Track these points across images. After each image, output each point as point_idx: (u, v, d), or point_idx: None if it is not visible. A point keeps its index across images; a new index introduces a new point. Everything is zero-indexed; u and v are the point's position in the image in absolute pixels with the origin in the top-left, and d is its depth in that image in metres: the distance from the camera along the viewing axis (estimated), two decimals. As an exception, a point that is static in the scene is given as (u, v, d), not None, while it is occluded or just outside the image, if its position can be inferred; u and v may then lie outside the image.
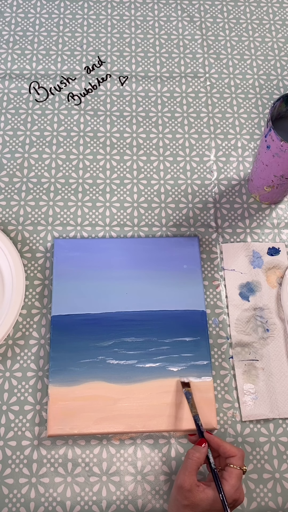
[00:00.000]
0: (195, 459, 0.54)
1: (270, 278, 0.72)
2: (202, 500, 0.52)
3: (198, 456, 0.55)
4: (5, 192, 0.76)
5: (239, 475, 0.54)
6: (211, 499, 0.52)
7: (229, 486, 0.53)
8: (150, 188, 0.78)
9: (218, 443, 0.56)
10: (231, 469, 0.54)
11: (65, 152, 0.80)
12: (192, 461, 0.54)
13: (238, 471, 0.54)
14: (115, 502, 0.61)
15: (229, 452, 0.55)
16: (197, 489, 0.53)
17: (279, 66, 0.88)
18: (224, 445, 0.56)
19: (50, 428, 0.61)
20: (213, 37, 0.90)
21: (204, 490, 0.53)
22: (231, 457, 0.55)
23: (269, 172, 0.68)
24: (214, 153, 0.81)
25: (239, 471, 0.54)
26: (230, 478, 0.53)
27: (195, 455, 0.55)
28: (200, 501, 0.52)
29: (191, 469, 0.54)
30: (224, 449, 0.55)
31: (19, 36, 0.88)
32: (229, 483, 0.53)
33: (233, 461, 0.55)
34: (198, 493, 0.52)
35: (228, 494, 0.52)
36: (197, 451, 0.55)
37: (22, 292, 0.67)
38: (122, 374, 0.65)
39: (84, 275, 0.70)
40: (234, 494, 0.53)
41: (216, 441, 0.56)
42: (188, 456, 0.55)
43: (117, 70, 0.86)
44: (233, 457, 0.55)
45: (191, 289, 0.70)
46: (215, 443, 0.56)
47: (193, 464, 0.54)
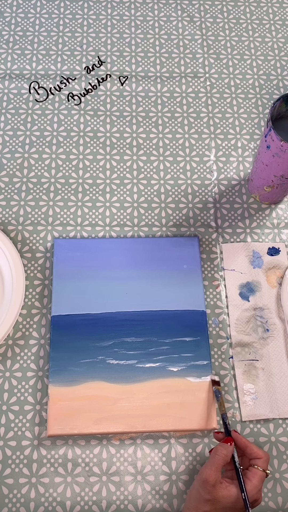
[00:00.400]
0: (223, 456, 0.55)
1: (270, 278, 0.72)
2: (224, 497, 0.53)
3: (225, 453, 0.55)
4: (5, 192, 0.76)
5: (262, 476, 0.55)
6: (234, 497, 0.53)
7: (252, 486, 0.54)
8: (150, 188, 0.78)
9: (246, 444, 0.57)
10: (256, 470, 0.55)
11: (65, 152, 0.80)
12: (219, 457, 0.55)
13: (261, 473, 0.55)
14: (115, 502, 0.61)
15: (256, 453, 0.56)
16: (220, 485, 0.53)
17: (279, 66, 0.88)
18: (251, 447, 0.57)
19: (50, 428, 0.61)
20: (213, 37, 0.90)
21: (227, 487, 0.53)
22: (257, 459, 0.56)
23: (269, 172, 0.68)
24: (214, 153, 0.81)
25: (263, 473, 0.55)
26: (253, 478, 0.54)
27: (223, 452, 0.55)
28: (222, 498, 0.53)
29: (217, 465, 0.54)
30: (251, 450, 0.56)
31: (19, 36, 0.88)
32: (252, 482, 0.54)
33: (259, 463, 0.55)
34: (221, 490, 0.53)
35: (250, 493, 0.53)
36: (224, 448, 0.56)
37: (22, 292, 0.67)
38: (122, 374, 0.65)
39: (84, 275, 0.70)
40: (255, 494, 0.54)
41: (243, 441, 0.57)
42: (216, 452, 0.56)
43: (117, 70, 0.86)
44: (259, 459, 0.56)
45: (191, 289, 0.70)
46: (242, 443, 0.57)
47: (220, 460, 0.55)
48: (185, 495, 0.61)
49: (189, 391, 0.64)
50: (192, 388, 0.64)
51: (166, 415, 0.63)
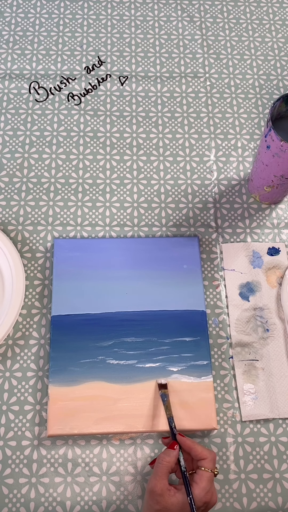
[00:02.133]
0: (165, 463, 0.54)
1: (270, 278, 0.72)
2: (173, 504, 0.52)
3: (168, 460, 0.54)
4: (5, 192, 0.76)
5: (210, 477, 0.54)
6: (181, 503, 0.52)
7: (200, 489, 0.53)
8: (150, 188, 0.78)
9: (190, 446, 0.56)
10: (202, 472, 0.54)
11: (65, 152, 0.80)
12: (162, 465, 0.54)
13: (209, 474, 0.54)
14: (115, 502, 0.61)
15: (200, 454, 0.55)
16: (168, 493, 0.52)
17: (279, 66, 0.88)
18: (196, 448, 0.55)
19: (50, 428, 0.61)
20: (213, 37, 0.90)
21: (175, 494, 0.53)
22: (202, 459, 0.55)
23: (269, 172, 0.68)
24: (214, 153, 0.81)
25: (210, 474, 0.54)
26: (200, 481, 0.53)
27: (165, 459, 0.54)
28: (171, 505, 0.52)
29: (161, 473, 0.53)
30: (196, 452, 0.55)
31: (19, 36, 0.88)
32: (199, 486, 0.53)
33: (204, 463, 0.54)
34: (169, 498, 0.52)
35: (198, 497, 0.52)
36: (167, 455, 0.55)
37: (22, 292, 0.67)
38: (122, 374, 0.65)
39: (84, 275, 0.70)
40: (204, 497, 0.53)
41: (188, 443, 0.56)
42: (159, 460, 0.55)
43: (117, 70, 0.86)
44: (204, 459, 0.55)
45: (191, 289, 0.70)
46: (187, 445, 0.56)
47: (163, 468, 0.54)
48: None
49: (189, 391, 0.64)
50: (192, 388, 0.64)
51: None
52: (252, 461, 0.63)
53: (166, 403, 0.61)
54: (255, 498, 0.61)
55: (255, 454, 0.63)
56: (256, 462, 0.63)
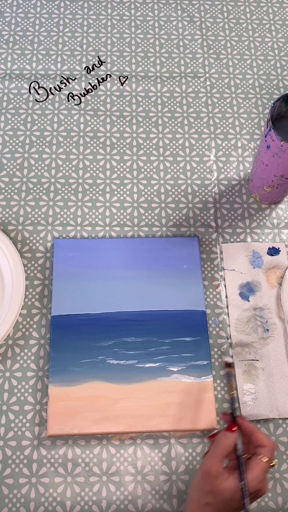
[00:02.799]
0: (224, 446, 0.52)
1: (270, 278, 0.72)
2: (225, 490, 0.50)
3: (227, 443, 0.53)
4: (5, 192, 0.76)
5: (265, 466, 0.52)
6: (233, 489, 0.51)
7: (253, 476, 0.51)
8: (150, 188, 0.78)
9: (251, 430, 0.54)
10: (258, 460, 0.52)
11: (65, 152, 0.80)
12: (221, 447, 0.52)
13: (264, 464, 0.52)
14: (115, 502, 0.61)
15: (260, 441, 0.53)
16: (222, 476, 0.51)
17: (279, 66, 0.88)
18: (257, 434, 0.53)
19: (50, 428, 0.61)
20: (213, 37, 0.90)
21: (228, 479, 0.51)
22: (261, 447, 0.53)
23: (269, 172, 0.68)
24: (214, 153, 0.81)
25: (265, 464, 0.52)
26: (256, 469, 0.51)
27: (225, 442, 0.52)
28: (223, 490, 0.50)
29: (219, 455, 0.52)
30: (256, 438, 0.53)
31: (19, 36, 0.88)
32: (253, 473, 0.51)
33: (263, 451, 0.52)
34: (222, 481, 0.51)
35: (250, 484, 0.51)
36: (226, 438, 0.53)
37: (22, 292, 0.67)
38: (122, 374, 0.65)
39: (84, 275, 0.70)
40: (257, 485, 0.51)
41: (249, 427, 0.54)
42: (218, 441, 0.53)
43: (117, 70, 0.86)
44: (263, 447, 0.53)
45: (191, 289, 0.70)
46: (248, 429, 0.54)
47: (222, 450, 0.52)
48: (185, 495, 0.61)
49: (189, 391, 0.64)
50: (192, 388, 0.64)
51: (166, 415, 0.63)
52: (252, 461, 0.63)
53: (230, 382, 0.57)
54: (255, 498, 0.61)
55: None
56: (256, 462, 0.63)
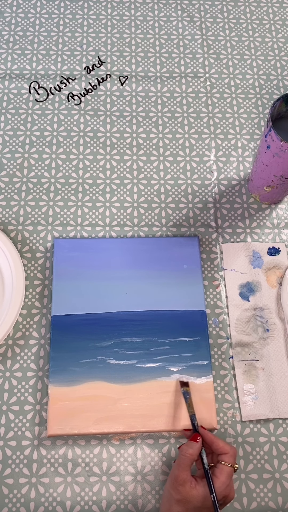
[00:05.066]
0: (188, 455, 0.55)
1: (270, 278, 0.72)
2: (194, 497, 0.53)
3: (191, 452, 0.55)
4: (5, 192, 0.76)
5: (230, 472, 0.55)
6: (202, 496, 0.53)
7: (220, 483, 0.54)
8: (150, 188, 0.78)
9: (212, 439, 0.57)
10: (222, 466, 0.55)
11: (65, 152, 0.80)
12: (185, 457, 0.55)
13: (229, 469, 0.55)
14: (115, 502, 0.61)
15: (221, 449, 0.56)
16: (190, 484, 0.53)
17: (279, 66, 0.88)
18: (217, 442, 0.56)
19: (50, 428, 0.61)
20: (213, 37, 0.90)
21: (196, 487, 0.53)
22: (223, 454, 0.55)
23: (269, 172, 0.68)
24: (214, 153, 0.81)
25: (230, 469, 0.55)
26: (221, 475, 0.54)
27: (188, 452, 0.55)
28: (191, 498, 0.53)
29: (184, 464, 0.54)
30: (217, 446, 0.56)
31: (19, 36, 0.88)
32: (219, 480, 0.54)
33: (225, 458, 0.55)
34: (190, 489, 0.53)
35: (218, 490, 0.53)
36: (190, 447, 0.56)
37: (22, 292, 0.67)
38: (122, 374, 0.65)
39: (84, 275, 0.70)
40: (223, 491, 0.54)
41: (210, 437, 0.57)
42: (182, 452, 0.56)
43: (117, 70, 0.86)
44: (225, 454, 0.55)
45: (191, 289, 0.70)
46: (209, 439, 0.57)
47: (186, 460, 0.55)
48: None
49: (189, 391, 0.64)
50: (192, 388, 0.64)
51: (166, 415, 0.63)
52: (252, 461, 0.63)
53: (188, 401, 0.62)
54: (255, 498, 0.61)
55: (255, 454, 0.63)
56: (256, 462, 0.63)
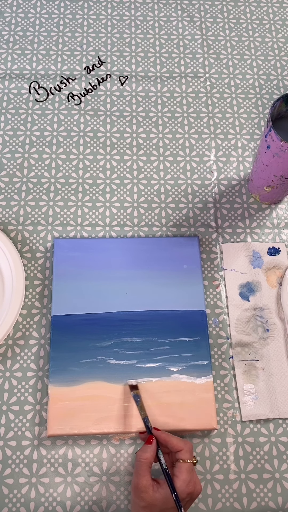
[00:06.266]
0: (144, 461, 0.54)
1: (270, 278, 0.72)
2: (158, 500, 0.52)
3: (146, 456, 0.55)
4: (5, 192, 0.76)
5: (189, 468, 0.54)
6: (165, 497, 0.53)
7: (180, 481, 0.53)
8: (150, 188, 0.78)
9: (165, 439, 0.56)
10: (180, 464, 0.54)
11: (65, 152, 0.80)
12: (141, 463, 0.54)
13: (187, 465, 0.54)
14: (115, 502, 0.61)
15: (176, 446, 0.55)
16: (152, 489, 0.53)
17: (279, 66, 0.88)
18: (171, 440, 0.56)
19: (50, 428, 0.61)
20: (213, 37, 0.90)
21: (158, 490, 0.53)
22: (179, 451, 0.55)
23: (269, 172, 0.68)
24: (214, 153, 0.81)
25: (189, 464, 0.54)
26: (180, 473, 0.54)
27: (143, 456, 0.55)
28: (155, 501, 0.52)
29: (141, 470, 0.54)
30: (171, 444, 0.56)
31: (19, 36, 0.88)
32: (179, 478, 0.53)
33: (181, 455, 0.55)
34: (153, 493, 0.53)
35: (180, 489, 0.53)
36: (144, 452, 0.55)
37: (22, 292, 0.67)
38: (122, 374, 0.65)
39: (84, 275, 0.70)
40: (186, 488, 0.53)
41: (163, 437, 0.57)
42: (137, 458, 0.55)
43: (117, 70, 0.86)
44: (180, 451, 0.55)
45: (191, 289, 0.70)
46: (163, 439, 0.56)
47: (143, 464, 0.54)
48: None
49: (189, 391, 0.64)
50: (192, 388, 0.64)
51: (166, 415, 0.63)
52: (252, 461, 0.63)
53: (139, 404, 0.61)
54: (255, 498, 0.61)
55: (255, 454, 0.63)
56: (256, 462, 0.63)
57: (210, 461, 0.63)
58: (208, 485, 0.62)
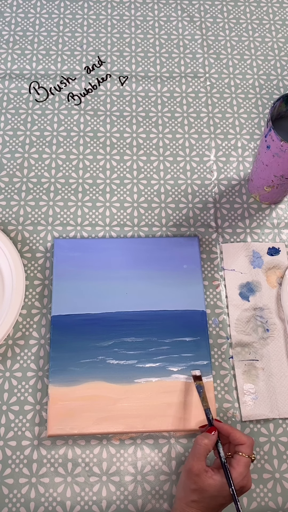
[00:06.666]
0: (203, 445, 0.55)
1: (270, 278, 0.72)
2: (210, 486, 0.53)
3: (206, 442, 0.55)
4: (5, 192, 0.76)
5: (247, 463, 0.55)
6: (219, 485, 0.53)
7: (237, 473, 0.54)
8: (150, 188, 0.78)
9: (229, 431, 0.57)
10: (239, 457, 0.55)
11: (65, 152, 0.80)
12: (200, 447, 0.55)
13: (246, 459, 0.55)
14: (115, 502, 0.61)
15: (238, 439, 0.56)
16: (206, 474, 0.54)
17: (279, 66, 0.88)
18: (235, 433, 0.56)
19: (50, 428, 0.61)
20: (213, 37, 0.90)
21: (213, 476, 0.54)
22: (240, 444, 0.56)
23: (269, 172, 0.68)
24: (214, 153, 0.81)
25: (247, 459, 0.55)
26: (238, 466, 0.54)
27: (204, 441, 0.55)
28: (208, 487, 0.53)
29: (199, 454, 0.54)
30: (234, 437, 0.56)
31: (19, 36, 0.88)
32: (236, 470, 0.54)
33: (242, 449, 0.55)
34: (206, 479, 0.53)
35: (235, 481, 0.53)
36: (205, 438, 0.56)
37: (22, 292, 0.67)
38: (122, 374, 0.65)
39: (84, 275, 0.70)
40: (241, 482, 0.54)
41: (226, 428, 0.57)
42: (197, 442, 0.56)
43: (117, 70, 0.86)
44: (242, 445, 0.55)
45: (191, 289, 0.70)
46: (226, 430, 0.57)
47: (201, 450, 0.55)
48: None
49: (189, 391, 0.64)
50: (192, 388, 0.64)
51: (166, 415, 0.63)
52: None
53: (202, 395, 0.61)
54: (255, 498, 0.61)
55: (255, 454, 0.63)
56: (256, 462, 0.63)
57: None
58: (208, 485, 0.62)
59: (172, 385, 0.64)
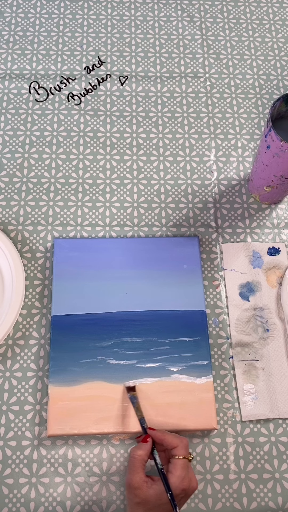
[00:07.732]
0: (137, 457, 0.55)
1: (270, 278, 0.72)
2: (152, 496, 0.53)
3: (140, 453, 0.55)
4: (5, 192, 0.76)
5: (183, 464, 0.54)
6: (159, 493, 0.53)
7: (175, 477, 0.53)
8: (150, 188, 0.78)
9: (160, 437, 0.57)
10: (175, 460, 0.55)
11: (65, 152, 0.80)
12: (134, 459, 0.55)
13: (182, 461, 0.54)
14: (115, 502, 0.61)
15: (171, 443, 0.56)
16: (146, 485, 0.53)
17: (279, 66, 0.88)
18: (166, 438, 0.56)
19: (50, 428, 0.61)
20: (213, 37, 0.90)
21: (152, 486, 0.53)
22: (174, 448, 0.55)
23: (269, 172, 0.68)
24: (214, 153, 0.81)
25: (183, 461, 0.55)
26: (174, 470, 0.54)
27: (137, 453, 0.55)
28: (150, 497, 0.53)
29: (135, 467, 0.54)
30: (167, 441, 0.56)
31: (19, 36, 0.88)
32: (174, 474, 0.54)
33: (176, 451, 0.55)
34: (147, 490, 0.53)
35: (174, 485, 0.53)
36: (139, 449, 0.56)
37: (22, 292, 0.67)
38: (122, 374, 0.65)
39: (84, 275, 0.70)
40: (181, 484, 0.53)
41: (158, 435, 0.57)
42: (131, 454, 0.55)
43: (117, 70, 0.86)
44: (175, 447, 0.55)
45: (191, 289, 0.70)
46: (158, 437, 0.57)
47: (136, 462, 0.55)
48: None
49: (189, 391, 0.64)
50: (192, 388, 0.64)
51: (166, 415, 0.63)
52: (252, 461, 0.63)
53: (136, 405, 0.61)
54: (255, 498, 0.61)
55: (255, 454, 0.63)
56: (256, 462, 0.63)
57: (210, 461, 0.63)
58: (208, 485, 0.62)
59: (172, 385, 0.64)
